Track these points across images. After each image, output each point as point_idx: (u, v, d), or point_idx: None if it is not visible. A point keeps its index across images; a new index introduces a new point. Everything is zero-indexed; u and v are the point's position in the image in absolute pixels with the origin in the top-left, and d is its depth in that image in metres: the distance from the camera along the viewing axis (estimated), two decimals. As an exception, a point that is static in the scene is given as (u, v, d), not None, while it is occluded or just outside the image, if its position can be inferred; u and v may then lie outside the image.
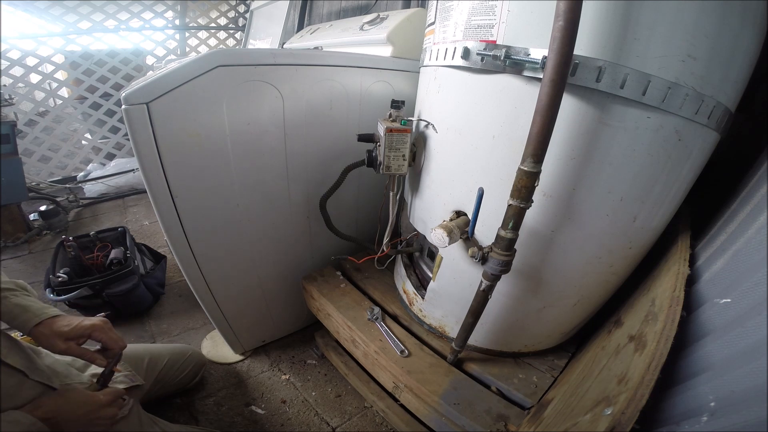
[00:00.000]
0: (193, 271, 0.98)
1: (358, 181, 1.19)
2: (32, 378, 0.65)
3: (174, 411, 1.07)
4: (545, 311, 0.79)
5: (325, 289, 1.08)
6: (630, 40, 0.50)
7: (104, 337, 0.73)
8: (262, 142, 0.93)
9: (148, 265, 1.61)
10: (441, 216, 0.77)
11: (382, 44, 1.20)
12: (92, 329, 0.71)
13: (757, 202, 0.54)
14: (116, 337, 0.75)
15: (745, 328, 0.42)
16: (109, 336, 0.73)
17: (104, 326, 0.73)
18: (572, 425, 0.50)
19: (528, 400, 0.76)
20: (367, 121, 1.09)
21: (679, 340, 0.48)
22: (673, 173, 0.61)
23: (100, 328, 0.72)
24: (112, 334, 0.75)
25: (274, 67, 0.88)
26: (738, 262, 0.51)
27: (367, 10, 1.82)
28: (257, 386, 1.18)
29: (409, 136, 0.80)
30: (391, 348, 0.88)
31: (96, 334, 0.72)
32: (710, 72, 0.53)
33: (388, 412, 1.02)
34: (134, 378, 0.87)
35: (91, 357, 0.71)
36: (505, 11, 0.56)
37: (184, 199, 0.86)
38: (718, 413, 0.37)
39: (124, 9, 2.73)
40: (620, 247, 0.68)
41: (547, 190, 0.61)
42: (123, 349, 0.76)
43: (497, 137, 0.63)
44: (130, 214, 2.36)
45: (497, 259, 0.62)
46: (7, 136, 1.81)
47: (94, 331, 0.71)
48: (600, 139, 0.56)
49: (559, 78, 0.48)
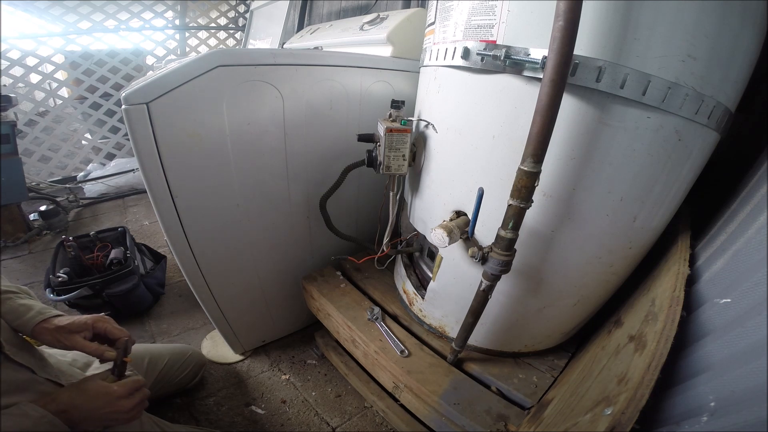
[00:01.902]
0: (193, 271, 0.98)
1: (358, 181, 1.19)
2: (41, 375, 0.65)
3: (174, 411, 1.07)
4: (545, 311, 0.79)
5: (325, 289, 1.08)
6: (630, 40, 0.50)
7: (107, 326, 0.72)
8: (262, 142, 0.93)
9: (148, 265, 1.61)
10: (441, 216, 0.77)
11: (382, 44, 1.20)
12: (94, 320, 0.70)
13: (757, 202, 0.54)
14: (119, 327, 0.74)
15: (745, 328, 0.42)
16: (112, 326, 0.73)
17: (105, 317, 0.73)
18: (572, 425, 0.50)
19: (528, 400, 0.76)
20: (367, 121, 1.09)
21: (679, 340, 0.48)
22: (673, 173, 0.61)
23: (101, 319, 0.72)
24: (115, 324, 0.74)
25: (274, 67, 0.88)
26: (738, 262, 0.51)
27: (367, 10, 1.82)
28: (257, 386, 1.18)
29: (409, 136, 0.80)
30: (391, 348, 0.88)
31: (98, 324, 0.71)
32: (710, 72, 0.53)
33: (388, 412, 1.02)
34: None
35: (98, 349, 0.69)
36: (505, 11, 0.56)
37: (184, 199, 0.86)
38: (718, 413, 0.37)
39: (124, 9, 2.73)
40: (620, 247, 0.68)
41: (547, 190, 0.61)
42: (129, 337, 0.74)
43: (497, 137, 0.63)
44: (130, 214, 2.36)
45: (497, 259, 0.62)
46: (7, 136, 1.81)
47: (96, 322, 0.71)
48: (600, 139, 0.56)
49: (559, 78, 0.48)
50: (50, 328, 0.67)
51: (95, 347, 0.68)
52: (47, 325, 0.67)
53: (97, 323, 0.71)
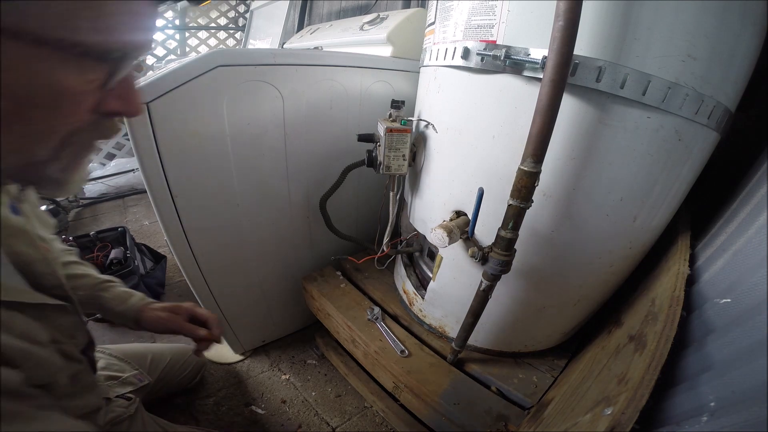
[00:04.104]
0: (193, 271, 0.98)
1: (358, 181, 1.19)
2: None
3: (174, 411, 1.07)
4: (545, 311, 0.79)
5: (325, 289, 1.08)
6: (630, 40, 0.50)
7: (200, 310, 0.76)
8: (262, 142, 0.93)
9: (148, 265, 1.61)
10: (441, 216, 0.77)
11: (382, 44, 1.20)
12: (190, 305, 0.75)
13: (757, 202, 0.54)
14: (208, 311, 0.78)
15: (745, 328, 0.42)
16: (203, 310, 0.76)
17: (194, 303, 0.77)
18: (572, 425, 0.50)
19: (528, 400, 0.76)
20: (367, 121, 1.09)
21: (679, 340, 0.48)
22: (673, 173, 0.61)
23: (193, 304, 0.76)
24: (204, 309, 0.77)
25: (274, 67, 0.88)
26: (738, 262, 0.51)
27: (367, 10, 1.82)
28: (257, 386, 1.18)
29: (409, 136, 0.80)
30: (391, 348, 0.88)
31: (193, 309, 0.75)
32: (710, 72, 0.53)
33: (388, 412, 1.03)
34: (142, 377, 0.87)
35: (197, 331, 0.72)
36: (505, 11, 0.56)
37: (184, 199, 0.86)
38: (718, 413, 0.37)
39: (124, 9, 2.73)
40: (620, 247, 0.68)
41: (547, 190, 0.61)
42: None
43: (497, 137, 0.63)
44: (130, 214, 2.36)
45: (497, 259, 0.62)
46: (7, 136, 1.80)
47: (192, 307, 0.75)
48: (600, 139, 0.56)
49: (559, 78, 0.48)
50: (157, 310, 0.71)
51: (194, 328, 0.72)
52: (154, 308, 0.71)
53: (192, 307, 0.75)
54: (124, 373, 0.85)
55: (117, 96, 0.33)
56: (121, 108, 0.34)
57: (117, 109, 0.34)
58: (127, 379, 0.84)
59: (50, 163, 0.32)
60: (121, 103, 0.34)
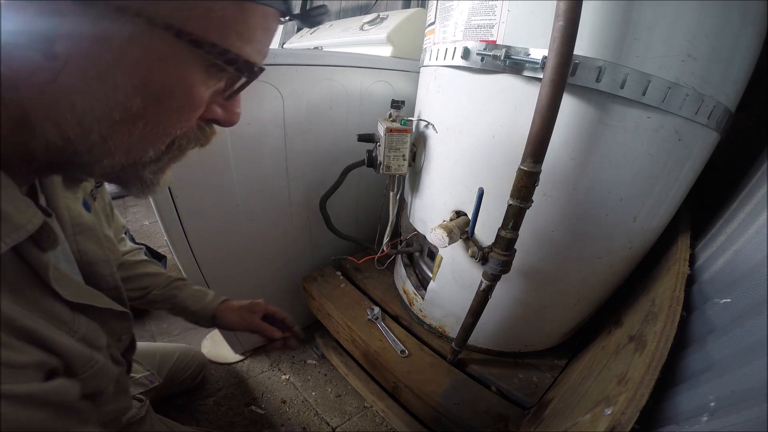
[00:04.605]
0: (193, 271, 0.97)
1: (358, 181, 1.19)
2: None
3: (175, 411, 1.07)
4: (545, 311, 0.79)
5: (325, 289, 1.08)
6: (630, 40, 0.50)
7: (273, 309, 0.77)
8: (262, 141, 0.93)
9: (148, 265, 1.61)
10: (441, 216, 0.77)
11: (382, 44, 1.20)
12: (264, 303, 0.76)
13: (757, 202, 0.54)
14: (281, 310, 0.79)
15: (745, 328, 0.42)
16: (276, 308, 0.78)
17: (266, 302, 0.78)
18: (572, 425, 0.50)
19: (528, 400, 0.76)
20: (367, 121, 1.09)
21: (679, 340, 0.48)
22: (673, 173, 0.61)
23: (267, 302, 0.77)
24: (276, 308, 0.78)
25: (274, 67, 0.88)
26: (738, 262, 0.51)
27: (367, 10, 1.82)
28: (257, 386, 1.18)
29: (409, 136, 0.80)
30: (391, 348, 0.88)
31: (268, 307, 0.76)
32: (710, 72, 0.53)
33: (388, 412, 1.03)
34: (153, 379, 0.86)
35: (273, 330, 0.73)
36: (505, 11, 0.56)
37: (184, 199, 0.86)
38: (718, 413, 0.37)
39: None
40: (620, 247, 0.68)
41: (547, 190, 0.61)
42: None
43: (497, 137, 0.63)
44: (130, 214, 2.36)
45: (497, 259, 0.62)
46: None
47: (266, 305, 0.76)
48: (600, 139, 0.56)
49: (559, 78, 0.48)
50: (234, 308, 0.71)
51: (269, 327, 0.73)
52: (230, 306, 0.71)
53: (267, 306, 0.76)
54: (137, 374, 0.84)
55: (221, 105, 0.34)
56: (223, 117, 0.35)
57: (219, 117, 0.34)
58: (139, 380, 0.83)
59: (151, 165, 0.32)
60: (223, 112, 0.34)
